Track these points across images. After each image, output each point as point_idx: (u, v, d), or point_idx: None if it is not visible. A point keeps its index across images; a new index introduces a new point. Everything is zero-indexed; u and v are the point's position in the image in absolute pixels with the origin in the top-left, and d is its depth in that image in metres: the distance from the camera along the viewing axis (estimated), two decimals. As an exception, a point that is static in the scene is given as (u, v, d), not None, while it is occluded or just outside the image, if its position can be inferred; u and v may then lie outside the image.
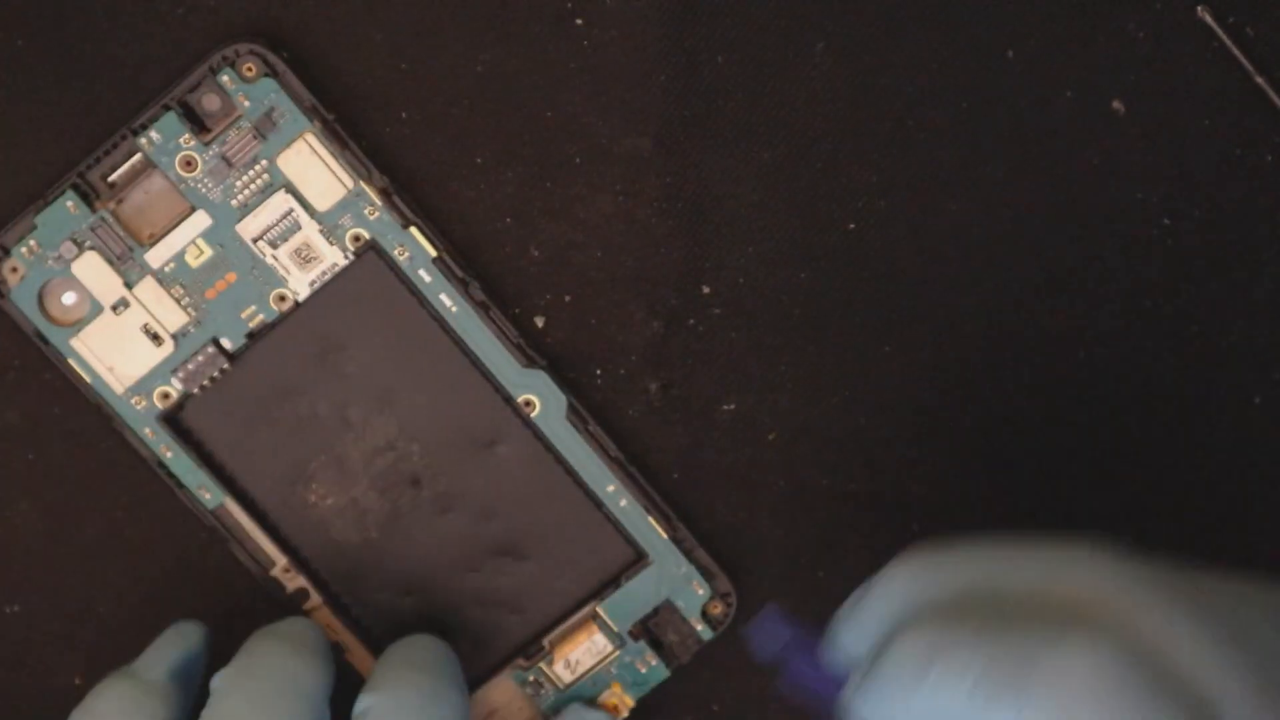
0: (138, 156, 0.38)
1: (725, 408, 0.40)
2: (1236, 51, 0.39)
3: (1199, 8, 0.39)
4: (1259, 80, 0.39)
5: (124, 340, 0.39)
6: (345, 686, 0.38)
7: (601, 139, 0.39)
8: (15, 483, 0.40)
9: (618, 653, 0.41)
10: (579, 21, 0.39)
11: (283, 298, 0.39)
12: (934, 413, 0.40)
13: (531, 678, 0.41)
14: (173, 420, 0.39)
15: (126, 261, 0.39)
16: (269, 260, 0.39)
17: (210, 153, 0.38)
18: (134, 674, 0.37)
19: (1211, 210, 0.40)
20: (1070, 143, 0.39)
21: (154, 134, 0.38)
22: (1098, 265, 0.40)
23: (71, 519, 0.40)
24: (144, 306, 0.39)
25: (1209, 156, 0.40)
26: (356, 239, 0.39)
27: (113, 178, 0.39)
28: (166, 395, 0.39)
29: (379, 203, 0.39)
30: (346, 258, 0.39)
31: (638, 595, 0.40)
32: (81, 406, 0.40)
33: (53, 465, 0.40)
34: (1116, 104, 0.39)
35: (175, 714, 0.36)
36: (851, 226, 0.40)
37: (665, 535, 0.40)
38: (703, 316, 0.40)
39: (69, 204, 0.38)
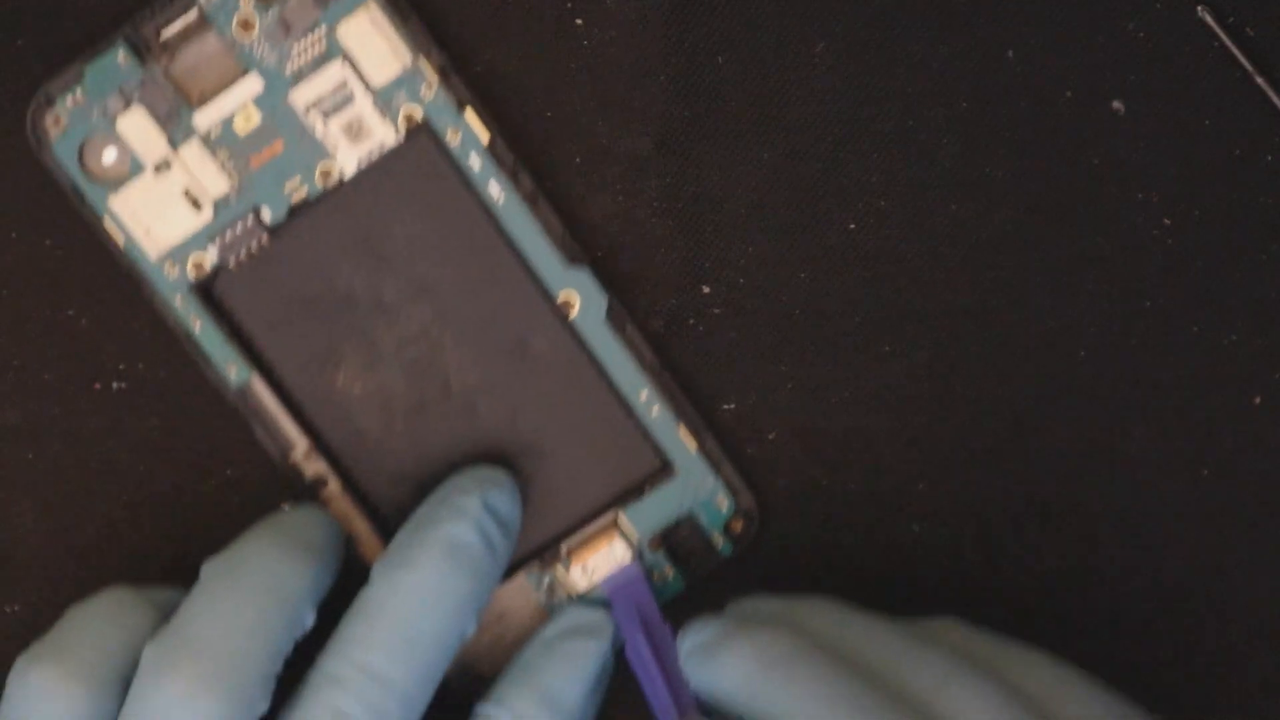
0: (194, 13, 0.37)
1: (725, 408, 0.40)
2: (1236, 51, 0.39)
3: (1199, 8, 0.39)
4: (1259, 80, 0.39)
5: (163, 203, 0.38)
6: (357, 577, 0.38)
7: (601, 139, 0.39)
8: (15, 483, 0.40)
9: (635, 562, 0.40)
10: (579, 21, 0.39)
11: (328, 173, 0.38)
12: (934, 413, 0.40)
13: (546, 581, 0.40)
14: (205, 291, 0.39)
15: (173, 121, 0.38)
16: (318, 132, 0.38)
17: (269, 15, 0.37)
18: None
19: (1211, 210, 0.40)
20: (1070, 143, 0.39)
21: None
22: (1098, 265, 0.40)
23: (71, 519, 0.40)
24: (187, 169, 0.38)
25: (1209, 156, 0.39)
26: (409, 119, 0.38)
27: (166, 34, 0.38)
28: (200, 265, 0.38)
29: (435, 81, 0.38)
30: (397, 137, 0.38)
31: (660, 506, 0.40)
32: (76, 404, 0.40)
33: (53, 465, 0.40)
34: (1116, 104, 0.40)
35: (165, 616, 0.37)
36: (851, 226, 0.40)
37: (694, 448, 0.39)
38: (703, 316, 0.40)
39: (120, 56, 0.37)
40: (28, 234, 0.40)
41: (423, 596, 0.36)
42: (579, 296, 0.39)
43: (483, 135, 0.38)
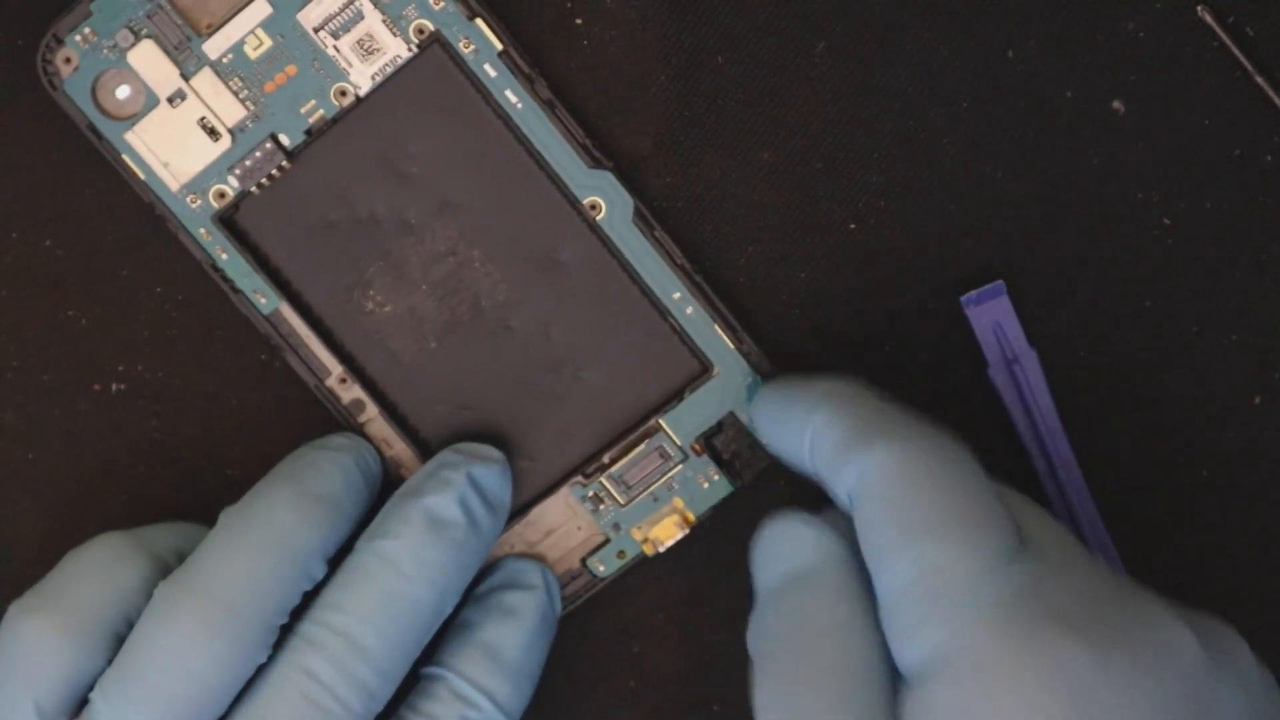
0: None
1: (725, 408, 0.40)
2: (1236, 51, 0.39)
3: (1199, 8, 0.39)
4: (1259, 80, 0.39)
5: (180, 134, 0.38)
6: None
7: (601, 139, 0.39)
8: (15, 483, 0.40)
9: (679, 468, 0.39)
10: (579, 21, 0.39)
11: (344, 92, 0.38)
12: (934, 413, 0.40)
13: (591, 493, 0.40)
14: (228, 221, 0.38)
15: (184, 51, 0.38)
16: (330, 52, 0.38)
17: None
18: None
19: (1211, 210, 0.40)
20: (1070, 143, 0.40)
21: None
22: (1098, 265, 0.40)
23: (71, 519, 0.40)
24: (201, 99, 0.38)
25: (1209, 156, 0.40)
26: (420, 31, 0.38)
27: None
28: (223, 194, 0.38)
29: None
30: (410, 50, 0.38)
31: (701, 408, 0.39)
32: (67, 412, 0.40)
33: (53, 465, 0.40)
34: (1116, 104, 0.40)
35: (162, 567, 0.37)
36: (851, 226, 0.40)
37: (731, 345, 0.39)
38: (703, 316, 0.40)
39: None
40: (28, 234, 0.40)
41: (401, 566, 0.36)
42: (604, 200, 0.38)
43: (495, 43, 0.38)
